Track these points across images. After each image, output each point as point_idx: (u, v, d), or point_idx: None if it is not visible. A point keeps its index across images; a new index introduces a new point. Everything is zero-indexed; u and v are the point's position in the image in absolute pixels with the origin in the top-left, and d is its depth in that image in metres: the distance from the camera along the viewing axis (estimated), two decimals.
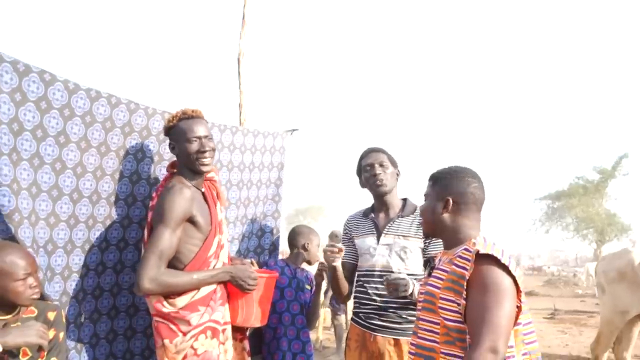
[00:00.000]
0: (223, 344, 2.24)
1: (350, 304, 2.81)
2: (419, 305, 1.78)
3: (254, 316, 2.39)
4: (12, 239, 1.87)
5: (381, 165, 2.50)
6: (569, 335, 8.66)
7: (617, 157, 24.40)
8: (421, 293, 1.77)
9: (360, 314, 2.48)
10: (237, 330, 2.45)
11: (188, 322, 2.11)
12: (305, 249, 2.99)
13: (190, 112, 2.25)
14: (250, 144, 3.04)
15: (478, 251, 1.56)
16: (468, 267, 1.57)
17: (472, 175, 1.75)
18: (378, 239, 2.47)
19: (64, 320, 1.97)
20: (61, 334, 1.94)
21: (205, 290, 2.18)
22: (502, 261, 1.54)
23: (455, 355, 1.57)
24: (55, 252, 2.12)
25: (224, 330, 2.25)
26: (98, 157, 2.23)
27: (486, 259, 1.55)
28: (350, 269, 2.62)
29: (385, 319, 2.38)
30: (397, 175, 2.58)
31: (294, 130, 3.37)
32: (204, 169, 2.26)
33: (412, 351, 1.74)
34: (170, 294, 2.11)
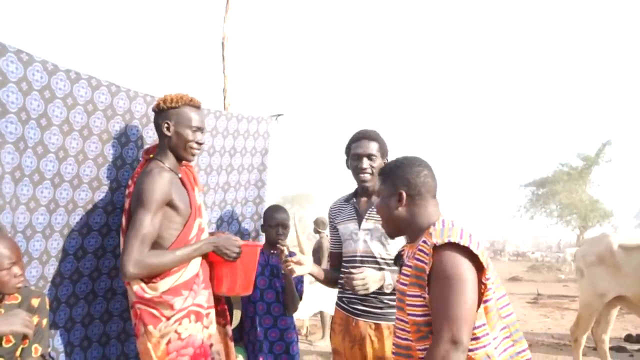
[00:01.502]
0: (207, 327, 2.25)
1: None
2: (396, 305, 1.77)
3: (238, 285, 2.40)
4: None
5: (369, 158, 2.46)
6: (552, 319, 8.85)
7: (600, 144, 24.68)
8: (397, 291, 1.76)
9: (344, 299, 2.50)
10: (220, 315, 2.45)
11: (171, 307, 2.11)
12: (263, 232, 2.98)
13: (196, 102, 2.28)
14: (233, 128, 3.02)
15: (435, 244, 1.54)
16: (427, 261, 1.56)
17: (420, 164, 1.73)
18: (359, 225, 2.47)
19: (47, 307, 1.97)
20: (44, 321, 1.94)
21: (188, 274, 2.18)
22: (462, 243, 1.51)
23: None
24: (34, 237, 2.10)
25: (207, 315, 2.26)
26: (81, 140, 2.20)
27: (444, 247, 1.53)
28: (338, 256, 2.62)
29: (367, 304, 2.39)
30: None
31: (279, 115, 3.35)
32: (191, 159, 2.32)
33: (394, 351, 1.74)
34: (155, 275, 2.10)
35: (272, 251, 2.91)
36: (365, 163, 2.46)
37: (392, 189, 1.72)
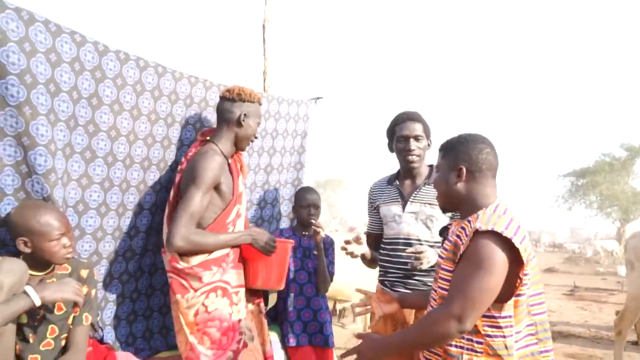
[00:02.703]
0: (236, 304, 2.32)
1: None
2: None
3: (273, 279, 2.46)
4: (46, 199, 1.90)
5: (416, 140, 2.44)
6: (589, 312, 8.64)
7: None
8: None
9: (386, 282, 2.50)
10: (254, 294, 2.52)
11: (200, 279, 2.20)
12: (295, 213, 3.00)
13: (261, 99, 2.45)
14: (274, 110, 3.04)
15: (477, 229, 1.51)
16: (464, 242, 1.55)
17: (483, 141, 1.68)
18: (403, 207, 2.45)
19: (95, 277, 2.05)
20: (93, 291, 2.01)
21: (219, 252, 2.26)
22: (505, 234, 1.48)
23: None
24: (87, 212, 2.18)
25: (236, 293, 2.33)
26: (131, 120, 2.26)
27: (485, 233, 1.50)
28: (376, 238, 2.63)
29: (410, 286, 2.39)
30: (429, 145, 2.52)
31: (318, 98, 3.36)
32: (246, 149, 2.49)
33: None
34: (196, 253, 2.19)
35: (303, 233, 2.93)
36: (413, 144, 2.43)
37: (453, 164, 1.68)
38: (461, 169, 1.65)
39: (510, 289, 1.51)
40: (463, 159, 1.66)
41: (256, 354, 2.34)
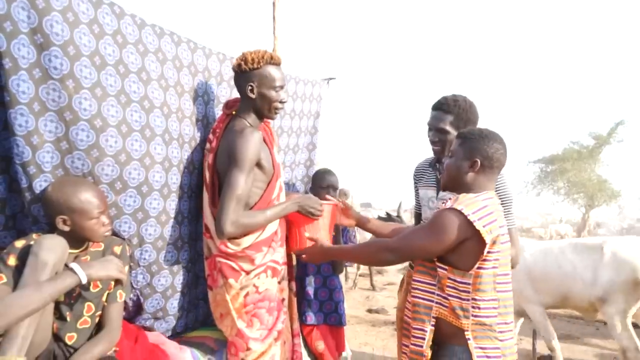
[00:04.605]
0: (279, 283, 2.32)
1: None
2: None
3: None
4: (86, 175, 1.85)
5: (440, 132, 2.33)
6: None
7: (613, 123, 24.47)
8: None
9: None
10: (288, 272, 2.51)
11: (252, 261, 2.16)
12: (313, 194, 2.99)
13: (277, 59, 2.21)
14: (291, 91, 3.03)
15: (448, 208, 1.74)
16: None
17: (500, 142, 1.87)
18: (437, 193, 2.47)
19: (128, 254, 2.01)
20: (126, 268, 1.97)
21: (268, 232, 2.22)
22: (469, 217, 1.69)
23: (425, 282, 1.86)
24: (151, 194, 2.08)
25: (281, 271, 2.32)
26: (176, 97, 2.19)
27: (452, 209, 1.73)
28: (418, 217, 2.65)
29: None
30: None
31: (331, 79, 3.36)
32: (275, 117, 2.31)
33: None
34: (246, 234, 2.15)
35: None
36: (435, 136, 2.36)
37: (469, 154, 1.86)
38: (476, 162, 1.84)
39: (472, 261, 1.73)
40: (480, 153, 1.84)
41: (286, 332, 2.37)
